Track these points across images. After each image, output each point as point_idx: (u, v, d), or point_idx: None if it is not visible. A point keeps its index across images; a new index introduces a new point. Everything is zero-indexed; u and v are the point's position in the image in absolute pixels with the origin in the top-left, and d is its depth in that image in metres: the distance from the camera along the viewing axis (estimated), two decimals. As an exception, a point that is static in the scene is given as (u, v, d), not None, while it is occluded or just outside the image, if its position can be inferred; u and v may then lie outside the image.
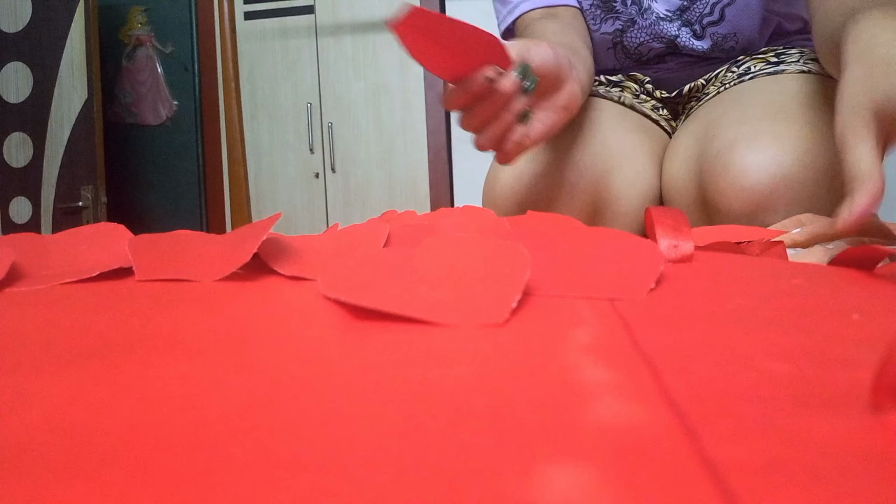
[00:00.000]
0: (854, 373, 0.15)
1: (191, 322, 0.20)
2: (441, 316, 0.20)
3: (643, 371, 0.15)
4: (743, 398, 0.13)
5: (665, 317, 0.21)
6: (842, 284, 0.28)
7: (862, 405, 0.13)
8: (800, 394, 0.14)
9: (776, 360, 0.16)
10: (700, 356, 0.16)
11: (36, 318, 0.22)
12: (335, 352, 0.17)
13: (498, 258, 0.25)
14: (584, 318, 0.20)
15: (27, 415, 0.13)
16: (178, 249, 0.31)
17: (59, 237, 0.37)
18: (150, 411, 0.13)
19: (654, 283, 0.25)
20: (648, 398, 0.13)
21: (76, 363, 0.17)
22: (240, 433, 0.12)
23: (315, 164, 2.56)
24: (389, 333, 0.19)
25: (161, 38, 2.68)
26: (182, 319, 0.21)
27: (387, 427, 0.12)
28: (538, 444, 0.11)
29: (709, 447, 0.11)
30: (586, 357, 0.16)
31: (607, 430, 0.12)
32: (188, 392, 0.15)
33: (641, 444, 0.11)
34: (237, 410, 0.13)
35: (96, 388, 0.15)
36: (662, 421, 0.12)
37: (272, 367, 0.16)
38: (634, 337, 0.18)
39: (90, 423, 0.13)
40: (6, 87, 2.43)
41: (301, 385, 0.15)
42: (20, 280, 0.27)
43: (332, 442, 0.11)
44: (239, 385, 0.15)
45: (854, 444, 0.11)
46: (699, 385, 0.14)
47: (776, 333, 0.19)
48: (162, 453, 0.11)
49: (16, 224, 2.41)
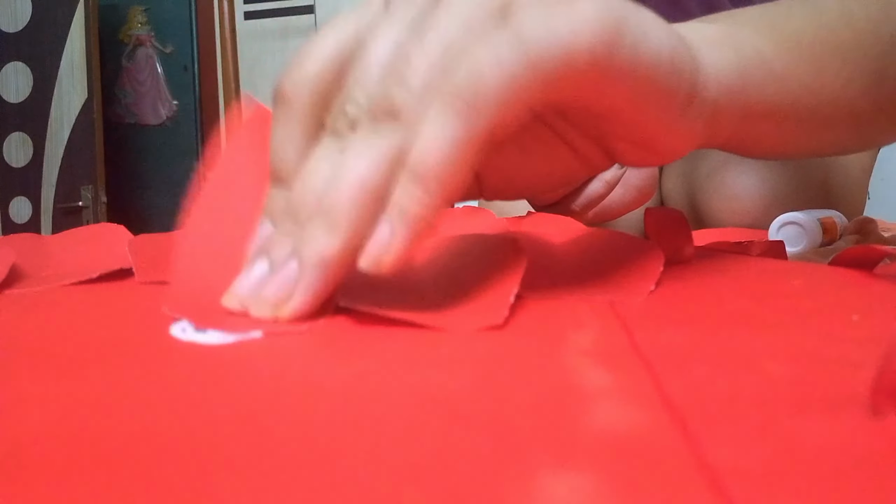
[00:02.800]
0: (854, 374, 0.15)
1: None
2: (438, 320, 0.20)
3: (643, 374, 0.15)
4: (742, 401, 0.13)
5: (665, 318, 0.21)
6: (841, 285, 0.28)
7: (862, 408, 0.13)
8: (799, 396, 0.14)
9: (776, 362, 0.16)
10: (700, 358, 0.16)
11: (35, 321, 0.22)
12: (331, 358, 0.17)
13: (493, 258, 0.25)
14: (583, 321, 0.20)
15: (26, 420, 0.13)
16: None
17: (59, 237, 0.37)
18: (151, 416, 0.13)
19: (654, 284, 0.25)
20: (648, 402, 0.13)
21: (75, 368, 0.17)
22: (240, 437, 0.12)
23: (315, 164, 2.56)
24: (386, 338, 0.19)
25: (161, 38, 2.68)
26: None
27: (385, 434, 0.12)
28: (538, 450, 0.11)
29: (708, 452, 0.11)
30: (586, 361, 0.16)
31: (607, 435, 0.12)
32: (189, 397, 0.15)
33: (641, 449, 0.11)
34: (237, 415, 0.13)
35: (96, 392, 0.15)
36: (662, 425, 0.12)
37: (268, 372, 0.16)
38: (634, 339, 0.18)
39: (90, 429, 0.13)
40: (6, 87, 2.43)
41: (297, 391, 0.15)
42: (20, 281, 0.27)
43: (329, 450, 0.11)
44: (237, 388, 0.15)
45: (853, 448, 0.11)
46: (699, 388, 0.14)
47: (776, 335, 0.19)
48: (162, 459, 0.11)
49: (16, 224, 2.41)
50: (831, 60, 0.32)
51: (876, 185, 0.82)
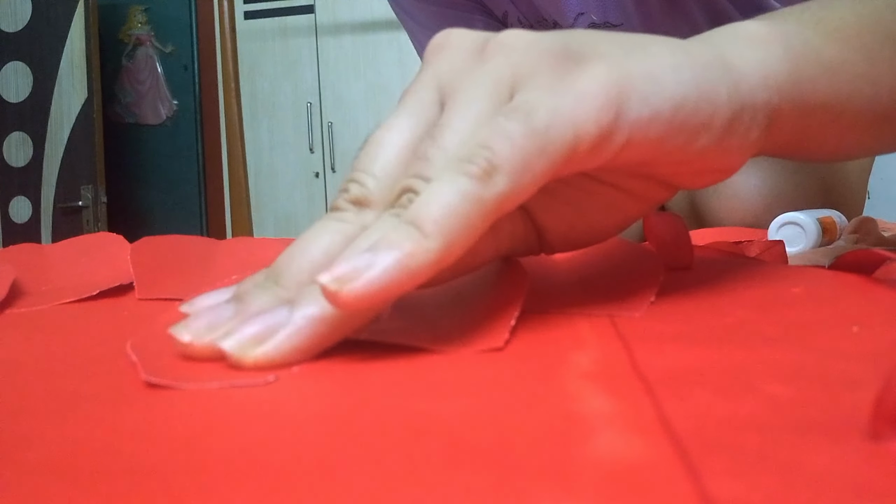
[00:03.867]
0: (854, 394, 0.15)
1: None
2: (437, 342, 0.20)
3: (643, 399, 0.15)
4: (742, 427, 0.13)
5: (665, 335, 0.21)
6: (841, 292, 0.28)
7: (862, 431, 0.13)
8: (800, 420, 0.14)
9: (776, 383, 0.16)
10: (700, 380, 0.16)
11: (36, 343, 0.22)
12: (328, 386, 0.17)
13: (495, 279, 0.25)
14: (583, 339, 0.20)
15: (28, 449, 0.13)
16: (181, 264, 0.31)
17: (59, 248, 0.37)
18: (150, 442, 0.13)
19: (654, 296, 0.25)
20: (648, 430, 0.13)
21: (80, 392, 0.17)
22: (241, 465, 0.12)
23: (315, 164, 2.57)
24: (383, 362, 0.19)
25: (161, 38, 2.68)
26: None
27: (383, 464, 0.12)
28: (538, 481, 0.11)
29: (708, 482, 0.11)
30: (586, 385, 0.16)
31: (607, 464, 0.12)
32: (191, 422, 0.15)
33: (641, 479, 0.11)
34: (238, 442, 0.13)
35: (97, 418, 0.15)
36: (662, 455, 0.12)
37: (267, 400, 0.16)
38: (634, 359, 0.18)
39: (98, 456, 0.13)
40: (6, 87, 2.43)
41: (295, 419, 0.15)
42: (20, 299, 0.27)
43: (326, 479, 0.11)
44: (240, 417, 0.15)
45: (853, 475, 0.11)
46: (699, 414, 0.14)
47: (776, 351, 0.19)
48: (165, 481, 0.11)
49: (16, 224, 2.41)
50: (882, 49, 0.31)
51: (876, 185, 0.82)
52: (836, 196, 0.68)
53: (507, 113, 0.20)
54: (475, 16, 0.78)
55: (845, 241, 0.53)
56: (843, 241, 0.54)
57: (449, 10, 0.77)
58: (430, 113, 0.22)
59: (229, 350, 0.18)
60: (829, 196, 0.68)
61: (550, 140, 0.20)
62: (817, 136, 0.30)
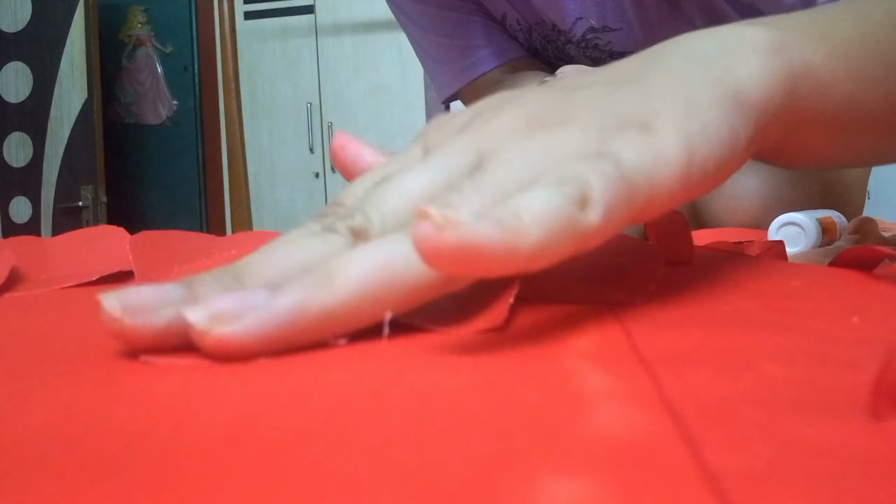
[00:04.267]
0: (854, 376, 0.15)
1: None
2: (438, 322, 0.20)
3: (642, 377, 0.15)
4: (742, 403, 0.13)
5: (664, 320, 0.21)
6: (841, 286, 0.28)
7: (861, 409, 0.13)
8: (799, 397, 0.14)
9: (775, 363, 0.16)
10: (699, 360, 0.16)
11: (35, 324, 0.22)
12: (329, 361, 0.17)
13: None
14: (583, 323, 0.20)
15: (26, 420, 0.13)
16: (181, 255, 0.31)
17: (59, 240, 0.37)
18: (151, 418, 0.13)
19: (653, 286, 0.25)
20: (648, 405, 0.13)
21: (76, 370, 0.17)
22: (240, 439, 0.12)
23: (315, 164, 2.57)
24: (383, 340, 0.19)
25: (161, 38, 2.68)
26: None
27: (383, 437, 0.12)
28: (538, 454, 0.11)
29: (708, 454, 0.11)
30: (585, 364, 0.16)
31: (607, 438, 0.12)
32: (188, 400, 0.15)
33: (641, 452, 0.11)
34: (237, 416, 0.13)
35: (96, 394, 0.15)
36: (662, 429, 0.12)
37: (268, 375, 0.16)
38: (633, 341, 0.18)
39: (90, 430, 0.13)
40: (6, 87, 2.44)
41: (295, 393, 0.15)
42: (20, 284, 0.27)
43: (327, 452, 0.11)
44: (239, 391, 0.15)
45: (853, 451, 0.11)
46: (698, 391, 0.14)
47: (776, 335, 0.19)
48: (162, 460, 0.11)
49: (16, 224, 2.41)
50: (874, 71, 0.32)
51: (876, 185, 0.82)
52: (835, 196, 0.68)
53: (599, 157, 0.20)
54: (474, 17, 0.77)
55: (845, 242, 0.54)
56: (844, 241, 0.54)
57: (447, 12, 0.77)
58: (455, 172, 0.22)
59: (193, 320, 0.16)
60: (829, 196, 0.68)
61: (636, 190, 0.20)
62: (804, 146, 0.31)
